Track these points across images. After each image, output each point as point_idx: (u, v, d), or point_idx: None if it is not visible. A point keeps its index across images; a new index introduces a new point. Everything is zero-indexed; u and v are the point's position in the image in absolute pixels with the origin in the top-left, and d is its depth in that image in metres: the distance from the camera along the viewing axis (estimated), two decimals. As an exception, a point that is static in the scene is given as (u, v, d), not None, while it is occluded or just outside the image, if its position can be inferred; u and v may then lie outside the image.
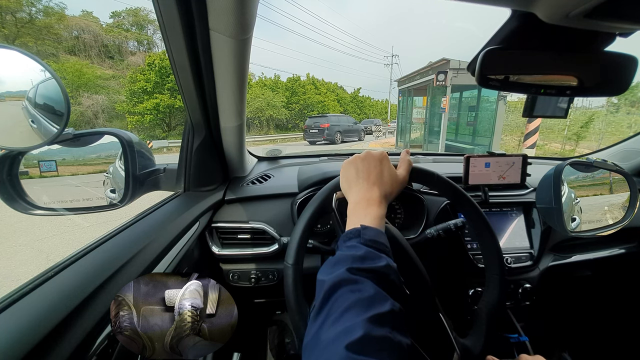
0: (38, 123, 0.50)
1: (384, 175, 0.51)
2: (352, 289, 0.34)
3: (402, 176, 0.54)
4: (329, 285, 0.35)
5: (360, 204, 0.48)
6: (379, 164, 0.52)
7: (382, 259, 0.39)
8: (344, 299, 0.33)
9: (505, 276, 0.61)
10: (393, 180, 0.52)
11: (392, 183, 0.52)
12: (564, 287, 1.08)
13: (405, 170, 0.55)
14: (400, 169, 0.55)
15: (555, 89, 0.42)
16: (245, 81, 0.68)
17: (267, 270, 0.89)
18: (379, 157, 0.53)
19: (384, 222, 0.47)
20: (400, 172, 0.54)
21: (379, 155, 0.53)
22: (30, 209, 0.62)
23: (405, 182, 0.54)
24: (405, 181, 0.54)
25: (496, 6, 0.34)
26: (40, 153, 0.63)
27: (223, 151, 0.89)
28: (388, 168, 0.53)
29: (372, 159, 0.52)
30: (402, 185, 0.54)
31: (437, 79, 7.43)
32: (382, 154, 0.53)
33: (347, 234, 0.44)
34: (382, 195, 0.49)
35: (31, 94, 0.49)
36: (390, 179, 0.52)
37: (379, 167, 0.52)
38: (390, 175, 0.52)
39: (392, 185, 0.52)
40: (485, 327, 0.58)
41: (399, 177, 0.53)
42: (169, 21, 0.52)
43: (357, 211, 0.48)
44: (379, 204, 0.48)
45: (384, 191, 0.50)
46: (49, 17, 25.62)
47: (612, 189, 0.88)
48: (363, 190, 0.50)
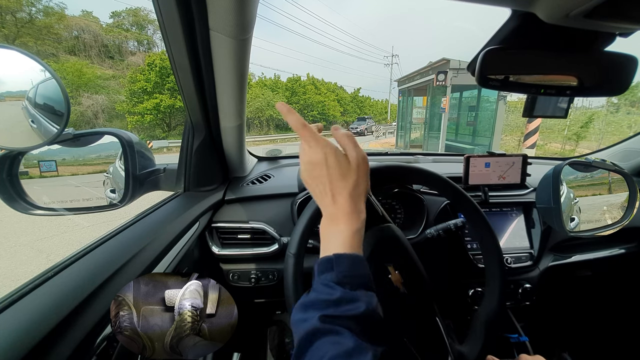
0: (38, 123, 0.50)
1: (335, 176, 0.40)
2: (329, 341, 0.31)
3: (356, 157, 0.42)
4: (304, 333, 0.32)
5: (327, 224, 0.41)
6: (324, 165, 0.40)
7: (361, 302, 0.34)
8: (321, 353, 0.30)
9: (505, 284, 0.60)
10: (349, 172, 0.41)
11: (351, 176, 0.41)
12: (564, 287, 1.07)
13: (354, 148, 0.43)
14: (348, 151, 0.43)
15: (555, 89, 0.42)
16: (245, 81, 0.68)
17: (267, 270, 0.89)
18: (321, 156, 0.41)
19: (360, 237, 0.40)
20: (350, 154, 0.42)
21: (321, 153, 0.41)
22: (30, 209, 0.62)
23: (364, 160, 0.43)
24: (364, 159, 0.43)
25: (496, 6, 0.34)
26: (40, 153, 0.63)
27: (223, 151, 0.89)
28: (337, 163, 0.41)
29: (315, 162, 0.41)
30: (365, 167, 0.43)
31: (437, 79, 7.43)
32: (324, 149, 0.41)
33: (321, 263, 0.38)
34: (347, 203, 0.40)
35: (31, 94, 0.49)
36: (345, 174, 0.41)
37: (325, 168, 0.40)
38: (342, 170, 0.41)
39: (353, 178, 0.41)
40: (481, 335, 0.58)
41: (353, 162, 0.41)
42: (169, 21, 0.52)
43: (326, 234, 0.41)
44: (347, 218, 0.39)
45: (348, 195, 0.40)
46: (49, 17, 25.62)
47: (611, 189, 0.88)
48: (324, 204, 0.42)
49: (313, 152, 0.41)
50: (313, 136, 0.42)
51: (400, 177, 0.64)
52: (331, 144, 0.42)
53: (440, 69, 7.43)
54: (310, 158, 0.42)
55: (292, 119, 0.42)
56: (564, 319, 1.20)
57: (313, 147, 0.41)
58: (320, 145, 0.41)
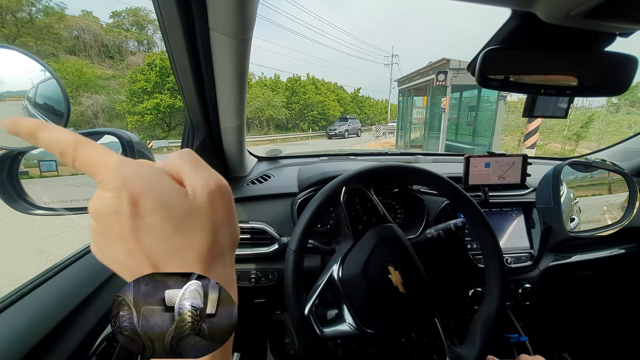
0: (38, 123, 0.50)
1: (163, 230, 0.20)
2: None
3: (202, 186, 0.22)
4: None
5: None
6: (131, 219, 0.19)
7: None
8: None
9: (505, 284, 0.60)
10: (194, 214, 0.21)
11: (198, 222, 0.21)
12: (564, 287, 1.08)
13: (194, 174, 0.22)
14: (192, 179, 0.22)
15: (555, 89, 0.42)
16: (245, 81, 0.68)
17: (267, 270, 0.89)
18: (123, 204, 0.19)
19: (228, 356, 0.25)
20: (196, 185, 0.22)
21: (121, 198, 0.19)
22: (30, 209, 0.61)
23: (221, 188, 0.23)
24: (221, 186, 0.23)
25: (496, 6, 0.34)
26: (40, 153, 0.63)
27: (223, 151, 0.89)
28: (160, 207, 0.20)
29: (111, 222, 0.20)
30: (224, 202, 0.23)
31: (437, 79, 7.43)
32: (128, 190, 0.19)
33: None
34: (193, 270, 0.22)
35: (31, 94, 0.49)
36: (185, 220, 0.21)
37: (133, 227, 0.19)
38: (177, 216, 0.20)
39: (206, 226, 0.21)
40: (479, 338, 0.58)
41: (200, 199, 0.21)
42: (169, 21, 0.52)
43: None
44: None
45: (196, 261, 0.22)
46: (49, 17, 25.62)
47: (611, 189, 0.88)
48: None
49: (106, 196, 0.19)
50: (118, 162, 0.20)
51: (401, 177, 0.64)
52: (147, 171, 0.21)
53: (440, 69, 7.43)
54: (96, 208, 0.20)
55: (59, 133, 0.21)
56: (564, 319, 1.20)
57: (110, 184, 0.19)
58: (123, 178, 0.19)
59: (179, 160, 0.23)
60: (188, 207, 0.21)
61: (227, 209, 0.23)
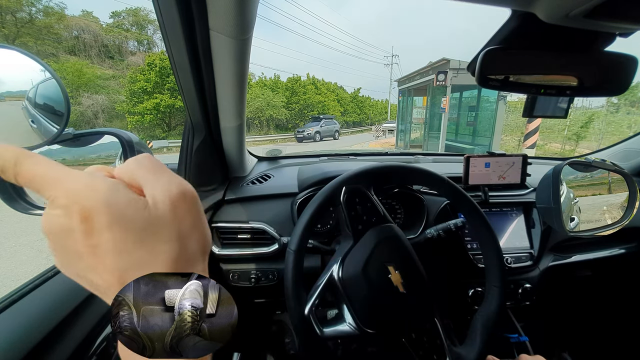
0: (38, 123, 0.50)
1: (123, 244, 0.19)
2: None
3: (163, 192, 0.21)
4: None
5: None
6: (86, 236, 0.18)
7: None
8: None
9: (505, 284, 0.60)
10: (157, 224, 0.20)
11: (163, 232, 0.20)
12: (564, 287, 1.08)
13: (154, 181, 0.22)
14: (152, 186, 0.21)
15: (555, 89, 0.42)
16: (245, 81, 0.68)
17: (267, 270, 0.89)
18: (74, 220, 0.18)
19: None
20: (157, 193, 0.21)
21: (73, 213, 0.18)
22: (30, 209, 0.61)
23: (185, 193, 0.22)
24: (185, 192, 0.23)
25: (496, 6, 0.34)
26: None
27: (223, 151, 0.89)
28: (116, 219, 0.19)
29: (63, 238, 0.19)
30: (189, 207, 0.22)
31: (437, 79, 7.44)
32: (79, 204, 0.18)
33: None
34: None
35: (31, 94, 0.49)
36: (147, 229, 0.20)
37: (88, 243, 0.18)
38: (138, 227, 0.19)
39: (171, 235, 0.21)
40: (479, 338, 0.58)
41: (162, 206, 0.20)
42: (169, 21, 0.52)
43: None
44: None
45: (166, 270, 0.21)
46: (49, 17, 25.61)
47: (610, 189, 0.88)
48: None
49: (54, 213, 0.19)
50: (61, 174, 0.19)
51: (401, 177, 0.64)
52: (99, 183, 0.19)
53: (440, 69, 7.43)
54: (47, 225, 0.19)
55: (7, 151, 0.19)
56: (564, 319, 1.20)
57: (59, 198, 0.18)
58: (73, 192, 0.18)
59: (136, 166, 0.22)
60: (148, 218, 0.20)
61: (193, 215, 0.22)
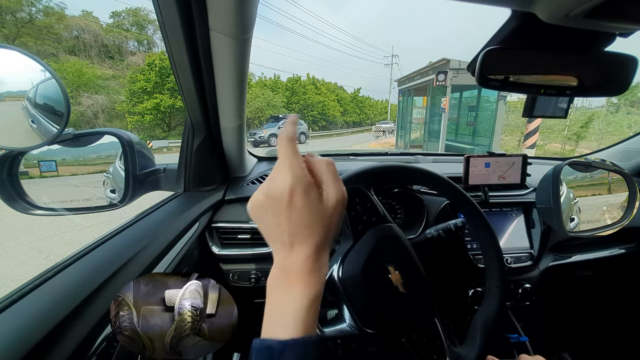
0: (38, 123, 0.50)
1: (304, 218, 0.30)
2: None
3: (335, 196, 0.32)
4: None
5: (276, 276, 0.31)
6: (287, 204, 0.30)
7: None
8: None
9: (505, 284, 0.60)
10: (323, 217, 0.31)
11: (324, 223, 0.31)
12: (564, 287, 1.08)
13: (335, 187, 0.33)
14: (329, 188, 0.32)
15: (555, 89, 0.42)
16: (245, 81, 0.68)
17: (267, 270, 0.89)
18: (286, 191, 0.30)
19: (317, 308, 0.31)
20: (330, 193, 0.32)
21: (287, 188, 0.30)
22: (30, 209, 0.62)
23: (344, 200, 0.33)
24: (345, 199, 0.33)
25: (496, 6, 0.34)
26: (40, 153, 0.63)
27: (223, 151, 0.89)
28: (307, 204, 0.30)
29: (276, 203, 0.30)
30: (342, 211, 0.33)
31: (437, 79, 7.44)
32: (293, 183, 0.30)
33: (259, 352, 0.28)
34: (309, 257, 0.30)
35: (31, 94, 0.49)
36: (317, 219, 0.31)
37: (287, 208, 0.30)
38: (313, 213, 0.31)
39: (327, 226, 0.31)
40: (479, 338, 0.58)
41: (332, 202, 0.32)
42: (169, 21, 0.52)
43: (274, 294, 0.31)
44: (307, 278, 0.30)
45: (313, 247, 0.30)
46: (49, 17, 25.61)
47: (610, 189, 0.88)
48: (277, 250, 0.32)
49: (277, 184, 0.30)
50: (290, 161, 0.31)
51: (401, 177, 0.64)
52: (305, 177, 0.31)
53: (440, 69, 7.43)
54: (271, 190, 0.31)
55: (288, 129, 0.33)
56: (564, 319, 1.20)
57: (281, 176, 0.30)
58: (291, 175, 0.30)
59: (325, 169, 0.33)
60: (320, 207, 0.31)
61: (341, 217, 0.33)
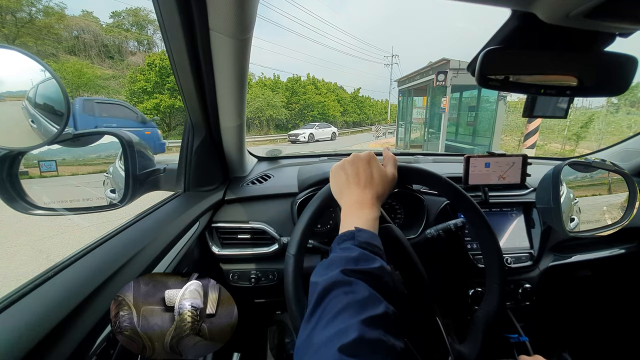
0: (38, 123, 0.50)
1: (374, 177, 0.51)
2: (345, 291, 0.34)
3: (392, 174, 0.53)
4: (322, 287, 0.35)
5: (353, 207, 0.48)
6: (368, 166, 0.52)
7: (376, 260, 0.39)
8: (338, 301, 0.33)
9: (505, 284, 0.60)
10: (383, 180, 0.52)
11: (383, 183, 0.51)
12: (564, 287, 1.08)
13: (393, 167, 0.54)
14: (387, 167, 0.54)
15: (555, 89, 0.42)
16: (245, 81, 0.68)
17: (267, 270, 0.89)
18: (366, 158, 0.52)
19: (377, 224, 0.47)
20: (389, 170, 0.54)
21: (367, 156, 0.53)
22: (30, 209, 0.62)
23: (395, 179, 0.53)
24: (395, 178, 0.54)
25: (496, 6, 0.34)
26: (40, 153, 0.63)
27: (223, 151, 0.89)
28: (377, 168, 0.52)
29: (360, 161, 0.52)
30: (393, 183, 0.53)
31: (437, 79, 7.43)
32: (370, 155, 0.53)
33: (341, 236, 0.43)
34: (374, 197, 0.49)
35: (31, 94, 0.49)
36: (381, 179, 0.51)
37: (368, 169, 0.51)
38: (380, 175, 0.52)
39: (383, 185, 0.51)
40: (481, 335, 0.58)
41: (389, 176, 0.53)
42: (169, 21, 0.52)
43: (350, 214, 0.47)
44: (371, 206, 0.47)
45: (376, 192, 0.49)
46: (49, 17, 25.58)
47: (610, 189, 0.88)
48: (355, 194, 0.49)
49: (362, 154, 0.54)
50: (369, 150, 0.56)
51: (401, 177, 0.65)
52: (375, 156, 0.54)
53: (440, 69, 7.43)
54: (357, 156, 0.53)
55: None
56: (564, 319, 1.20)
57: (364, 152, 0.54)
58: (368, 152, 0.54)
59: (391, 159, 0.56)
60: (384, 177, 0.52)
61: (391, 188, 0.54)
